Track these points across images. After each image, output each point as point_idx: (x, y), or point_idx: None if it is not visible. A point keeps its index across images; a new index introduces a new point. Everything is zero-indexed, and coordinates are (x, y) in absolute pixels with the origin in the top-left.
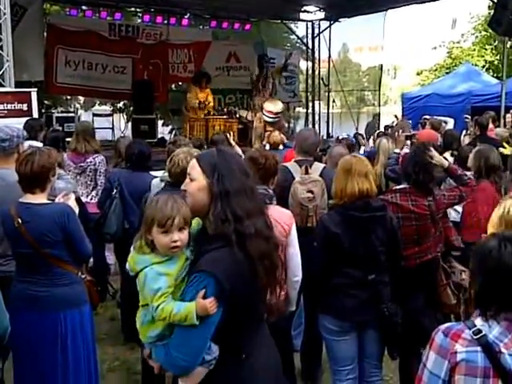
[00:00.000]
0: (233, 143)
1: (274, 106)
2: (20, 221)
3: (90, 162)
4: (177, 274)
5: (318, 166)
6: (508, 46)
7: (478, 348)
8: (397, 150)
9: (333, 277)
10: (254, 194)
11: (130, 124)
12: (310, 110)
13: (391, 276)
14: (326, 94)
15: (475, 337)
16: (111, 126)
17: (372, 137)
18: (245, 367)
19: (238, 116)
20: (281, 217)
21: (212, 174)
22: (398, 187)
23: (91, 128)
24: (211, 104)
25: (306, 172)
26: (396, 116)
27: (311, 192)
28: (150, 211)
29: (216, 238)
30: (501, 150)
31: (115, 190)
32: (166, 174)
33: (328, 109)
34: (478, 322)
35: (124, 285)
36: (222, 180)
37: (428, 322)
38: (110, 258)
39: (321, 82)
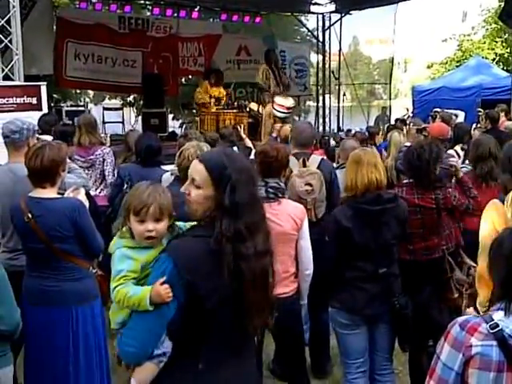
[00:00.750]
0: (243, 136)
1: (286, 101)
2: (30, 215)
3: (99, 154)
4: (146, 262)
5: (315, 159)
6: None
7: (494, 342)
8: (408, 144)
9: (344, 271)
10: (259, 204)
11: (140, 118)
12: (320, 104)
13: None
14: (337, 87)
15: (492, 331)
16: (121, 120)
17: (381, 130)
18: (199, 379)
19: (248, 109)
20: (293, 211)
21: (224, 186)
22: (405, 181)
23: (93, 120)
24: (224, 99)
25: (304, 165)
26: (407, 109)
27: (309, 185)
28: (129, 198)
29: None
30: None
31: (126, 185)
32: (176, 168)
33: (338, 102)
34: (496, 316)
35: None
36: (233, 193)
37: (436, 314)
38: None
39: (331, 75)
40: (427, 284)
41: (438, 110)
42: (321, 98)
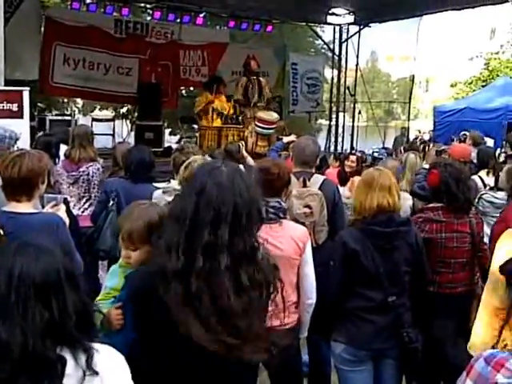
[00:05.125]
0: (245, 154)
1: (268, 116)
2: (1, 232)
3: (83, 171)
4: None
5: (317, 179)
6: None
7: None
8: (426, 166)
9: (348, 299)
10: None
11: (133, 131)
12: (333, 122)
13: (414, 299)
14: (352, 105)
15: None
16: (112, 133)
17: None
18: None
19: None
20: (296, 233)
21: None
22: (433, 205)
23: (89, 133)
24: (227, 113)
25: (304, 185)
26: (419, 131)
27: (308, 207)
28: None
29: None
30: None
31: (112, 202)
32: (171, 184)
33: (353, 121)
34: None
35: None
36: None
37: (453, 352)
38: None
39: (346, 91)
40: (449, 319)
41: (467, 133)
42: (334, 115)
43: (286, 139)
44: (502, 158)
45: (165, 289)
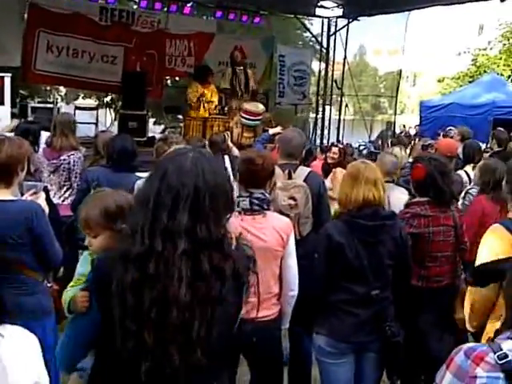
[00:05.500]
0: (230, 145)
1: (254, 107)
2: None
3: (64, 160)
4: None
5: (303, 171)
6: None
7: (501, 374)
8: (411, 160)
9: (331, 292)
10: None
11: (117, 120)
12: (319, 115)
13: (397, 293)
14: (338, 98)
15: (500, 362)
16: (95, 122)
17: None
18: None
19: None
20: (279, 224)
21: None
22: (419, 199)
23: (72, 121)
24: (215, 103)
25: (290, 177)
26: (404, 126)
27: (293, 199)
28: None
29: None
30: None
31: (92, 191)
32: None
33: (340, 114)
34: (506, 345)
35: None
36: None
37: (437, 346)
38: None
39: (334, 84)
40: (430, 312)
41: (453, 128)
42: (320, 109)
43: (271, 131)
44: (487, 155)
45: (124, 272)
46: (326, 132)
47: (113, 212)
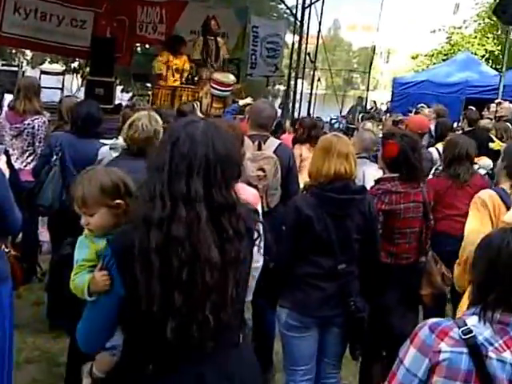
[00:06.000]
0: (199, 115)
1: (224, 77)
2: None
3: (28, 124)
4: (101, 250)
5: (272, 142)
6: (511, 36)
7: (465, 349)
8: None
9: (298, 266)
10: None
11: (83, 86)
12: (291, 88)
13: (364, 268)
14: (311, 72)
15: (464, 337)
16: (61, 87)
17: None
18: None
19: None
20: (246, 195)
21: None
22: (389, 175)
23: (36, 85)
24: (186, 73)
25: (259, 148)
26: (375, 102)
27: (262, 170)
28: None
29: None
30: (490, 145)
31: (55, 157)
32: (119, 141)
33: (312, 88)
34: (470, 321)
35: (54, 265)
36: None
37: (400, 323)
38: (44, 234)
39: (307, 58)
40: (395, 288)
41: (424, 105)
42: (292, 82)
43: (241, 102)
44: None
45: (147, 236)
46: (297, 106)
47: (109, 188)
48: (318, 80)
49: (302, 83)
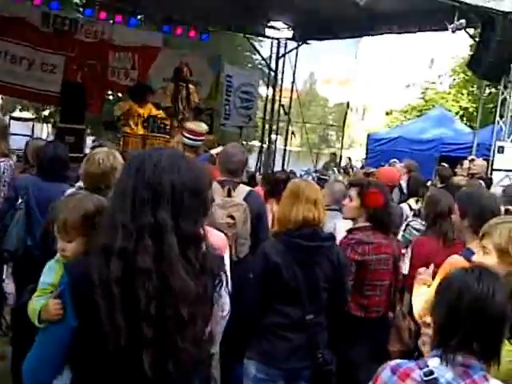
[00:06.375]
0: None
1: (197, 126)
2: None
3: None
4: None
5: (243, 189)
6: (486, 93)
7: None
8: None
9: (265, 315)
10: None
11: (54, 134)
12: (265, 142)
13: (332, 319)
14: (285, 127)
15: (425, 378)
16: (30, 134)
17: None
18: None
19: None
20: (214, 239)
21: None
22: (362, 224)
23: (4, 126)
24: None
25: (229, 194)
26: (349, 158)
27: (232, 217)
28: None
29: None
30: None
31: (20, 200)
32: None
33: (286, 143)
34: (432, 362)
35: (17, 317)
36: None
37: (366, 378)
38: (9, 285)
39: (281, 109)
40: (364, 343)
41: (397, 160)
42: (267, 138)
43: (214, 151)
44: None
45: (107, 267)
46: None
47: (91, 215)
48: (292, 133)
49: (276, 138)
